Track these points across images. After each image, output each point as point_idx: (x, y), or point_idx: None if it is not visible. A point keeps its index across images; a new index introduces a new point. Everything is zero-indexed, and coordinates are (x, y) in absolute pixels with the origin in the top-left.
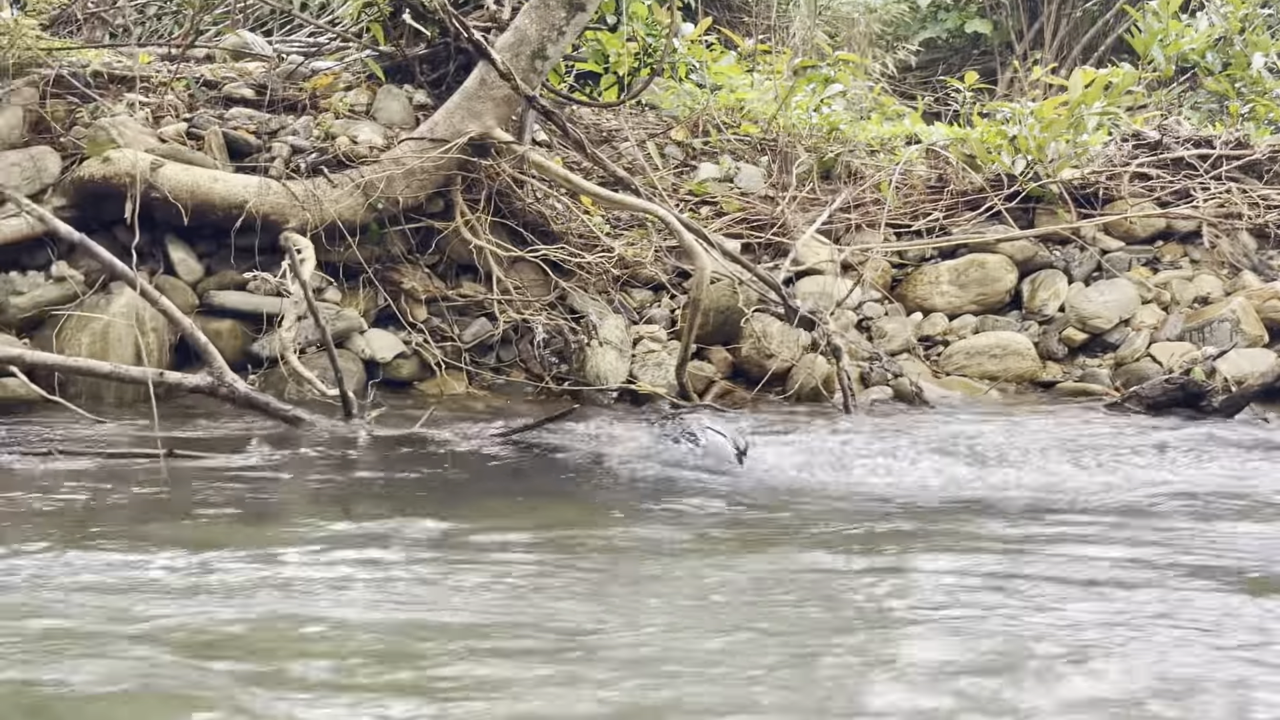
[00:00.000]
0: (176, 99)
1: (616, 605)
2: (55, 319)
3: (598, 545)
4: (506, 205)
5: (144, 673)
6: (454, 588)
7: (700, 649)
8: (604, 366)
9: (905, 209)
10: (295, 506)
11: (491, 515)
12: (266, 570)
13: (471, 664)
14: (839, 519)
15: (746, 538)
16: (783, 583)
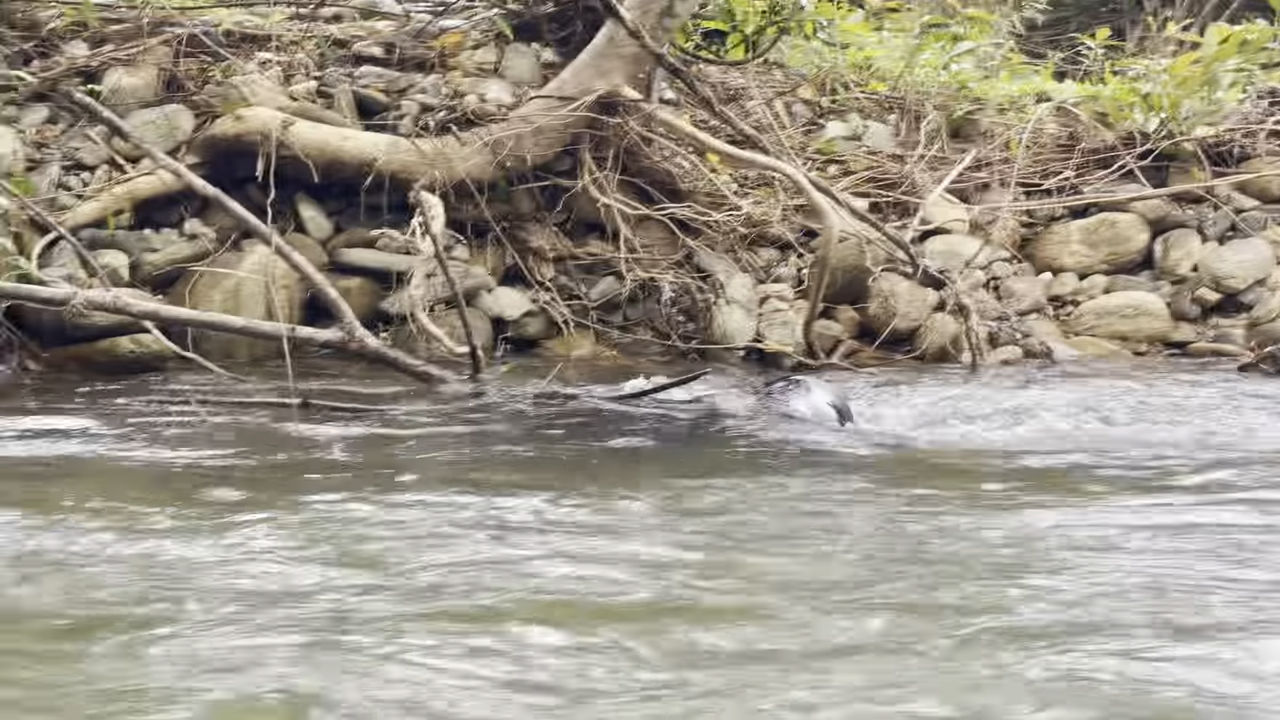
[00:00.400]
0: (307, 57)
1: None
2: (188, 276)
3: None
4: (634, 163)
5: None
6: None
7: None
8: (731, 325)
9: (1035, 168)
10: (435, 464)
11: (621, 477)
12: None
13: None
14: (976, 478)
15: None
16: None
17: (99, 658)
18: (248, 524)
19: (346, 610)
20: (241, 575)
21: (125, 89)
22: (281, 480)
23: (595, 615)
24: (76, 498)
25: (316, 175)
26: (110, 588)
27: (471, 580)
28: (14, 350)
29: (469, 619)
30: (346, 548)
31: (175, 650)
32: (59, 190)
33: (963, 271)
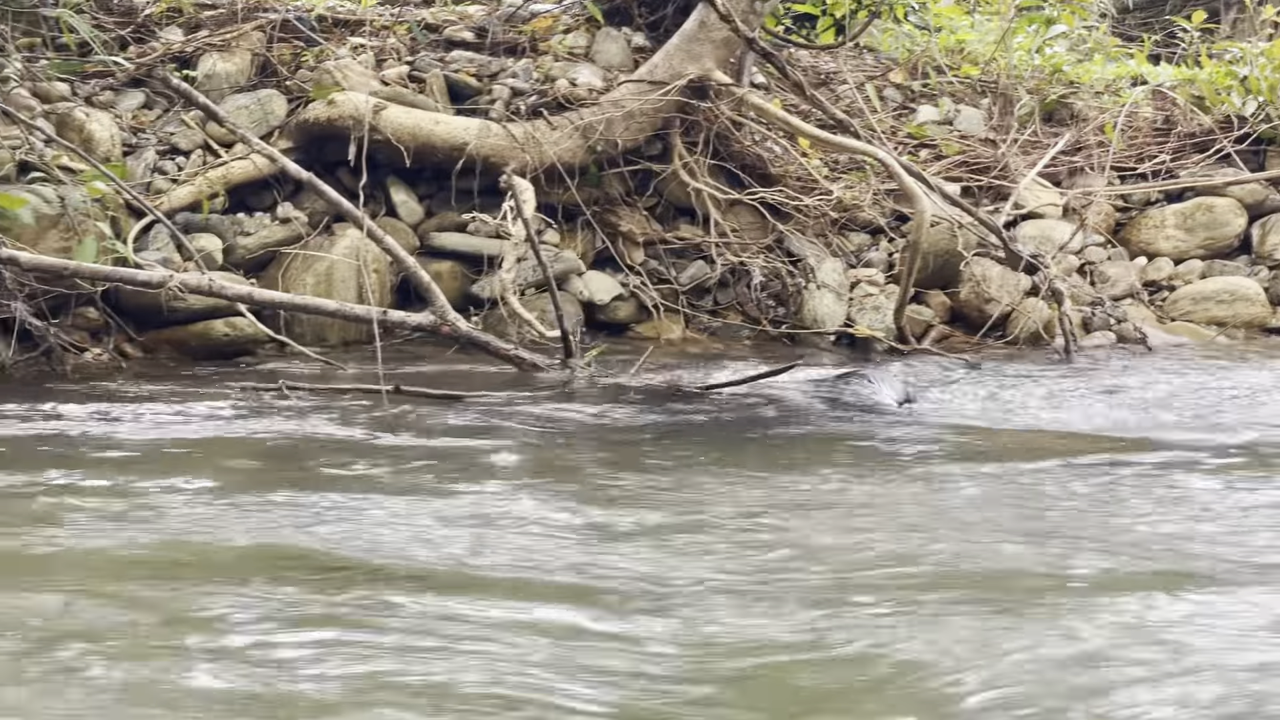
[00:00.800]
0: (399, 42)
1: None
2: (280, 260)
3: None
4: (724, 148)
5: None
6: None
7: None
8: (821, 310)
9: (1130, 152)
10: (534, 450)
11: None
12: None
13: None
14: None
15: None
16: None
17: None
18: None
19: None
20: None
21: (220, 74)
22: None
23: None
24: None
25: (408, 159)
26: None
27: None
28: (110, 333)
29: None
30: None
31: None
32: (154, 175)
33: (1056, 256)
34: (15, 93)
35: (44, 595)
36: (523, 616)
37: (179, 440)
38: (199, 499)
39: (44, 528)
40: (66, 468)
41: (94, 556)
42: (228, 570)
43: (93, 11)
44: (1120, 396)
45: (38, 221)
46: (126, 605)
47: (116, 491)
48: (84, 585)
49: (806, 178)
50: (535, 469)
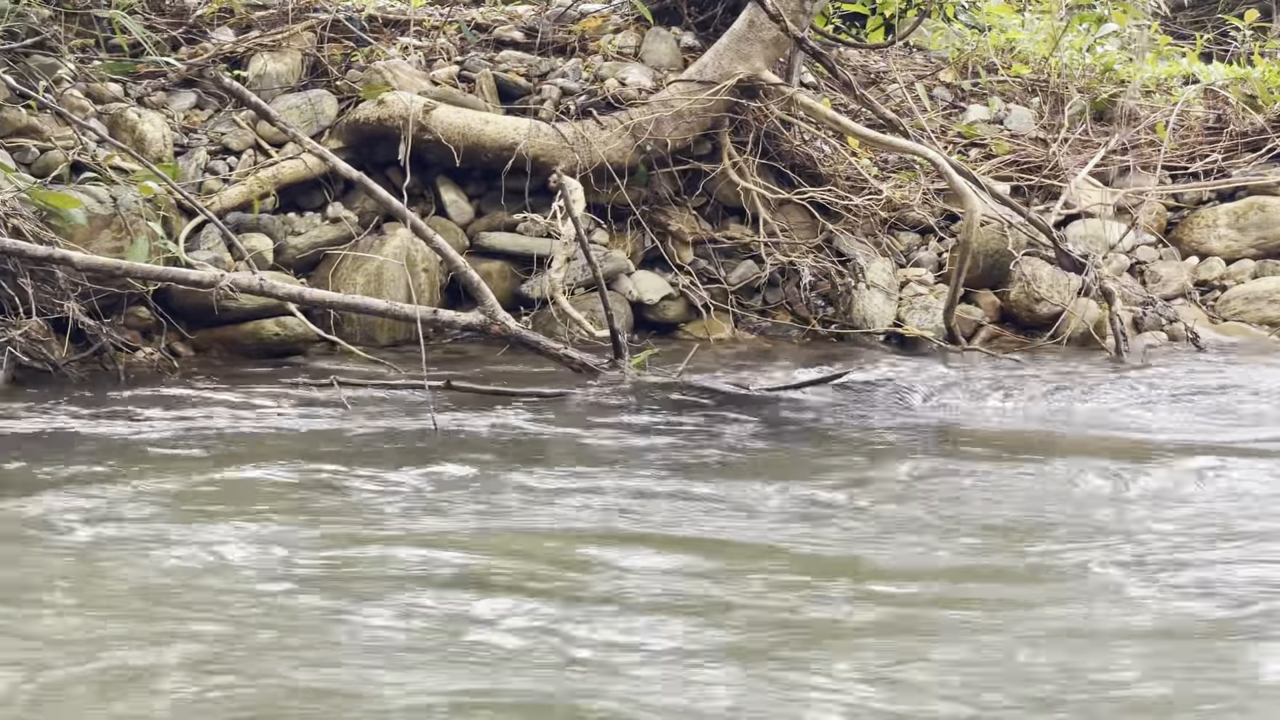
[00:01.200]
0: (448, 42)
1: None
2: (330, 260)
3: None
4: (774, 147)
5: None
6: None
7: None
8: (871, 309)
9: (1182, 151)
10: (600, 451)
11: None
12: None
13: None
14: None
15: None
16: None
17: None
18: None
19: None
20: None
21: (270, 74)
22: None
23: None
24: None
25: (458, 159)
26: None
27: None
28: (162, 333)
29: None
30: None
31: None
32: (206, 175)
33: (1107, 256)
34: (68, 93)
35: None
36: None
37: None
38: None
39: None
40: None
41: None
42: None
43: (145, 12)
44: (1173, 396)
45: (90, 221)
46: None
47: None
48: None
49: (856, 177)
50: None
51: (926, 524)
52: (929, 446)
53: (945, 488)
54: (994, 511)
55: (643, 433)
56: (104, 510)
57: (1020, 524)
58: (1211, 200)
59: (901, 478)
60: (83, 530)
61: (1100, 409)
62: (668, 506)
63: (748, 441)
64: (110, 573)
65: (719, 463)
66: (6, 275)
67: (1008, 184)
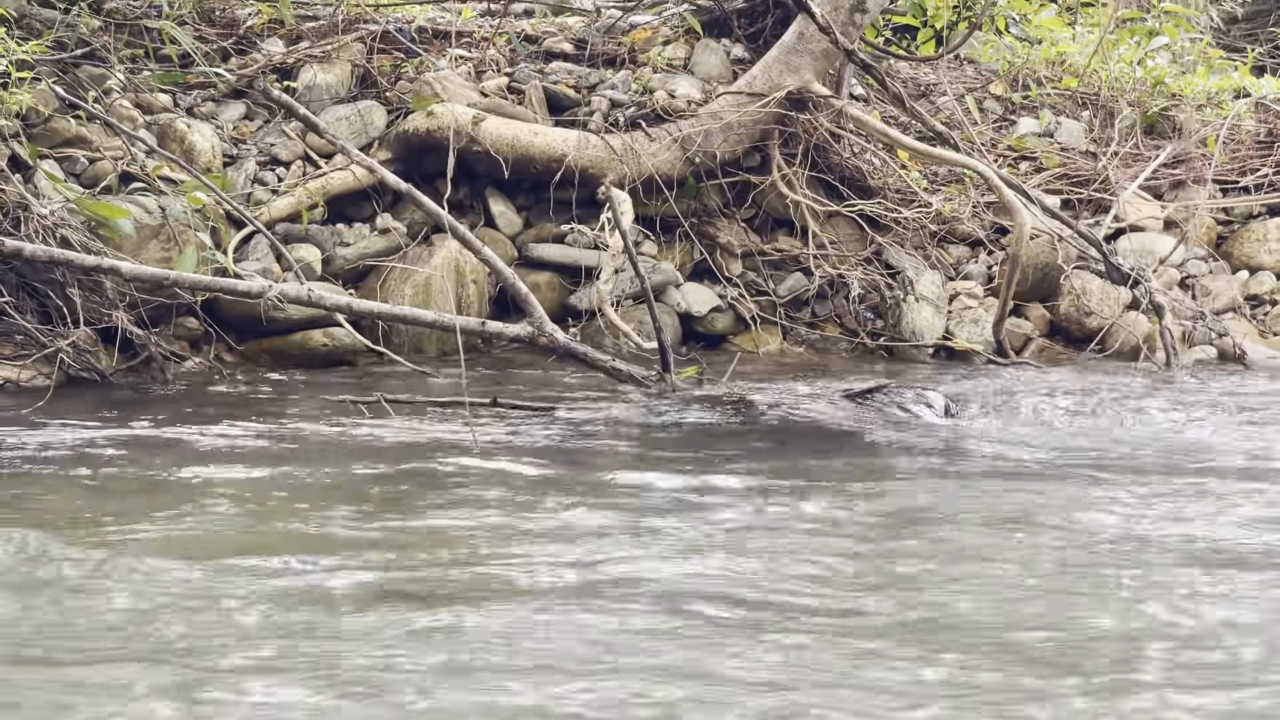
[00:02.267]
0: (498, 54)
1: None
2: (379, 271)
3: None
4: (823, 159)
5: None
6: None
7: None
8: (920, 322)
9: (1233, 165)
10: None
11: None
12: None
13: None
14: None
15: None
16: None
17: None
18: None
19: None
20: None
21: (320, 85)
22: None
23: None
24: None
25: (506, 171)
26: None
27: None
28: (210, 343)
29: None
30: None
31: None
32: (254, 185)
33: (1156, 269)
34: (118, 104)
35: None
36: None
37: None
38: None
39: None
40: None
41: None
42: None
43: (195, 23)
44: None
45: (139, 232)
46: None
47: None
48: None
49: (905, 190)
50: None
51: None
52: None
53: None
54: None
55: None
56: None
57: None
58: (1262, 214)
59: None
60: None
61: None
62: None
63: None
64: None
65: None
66: (55, 285)
67: (1057, 197)
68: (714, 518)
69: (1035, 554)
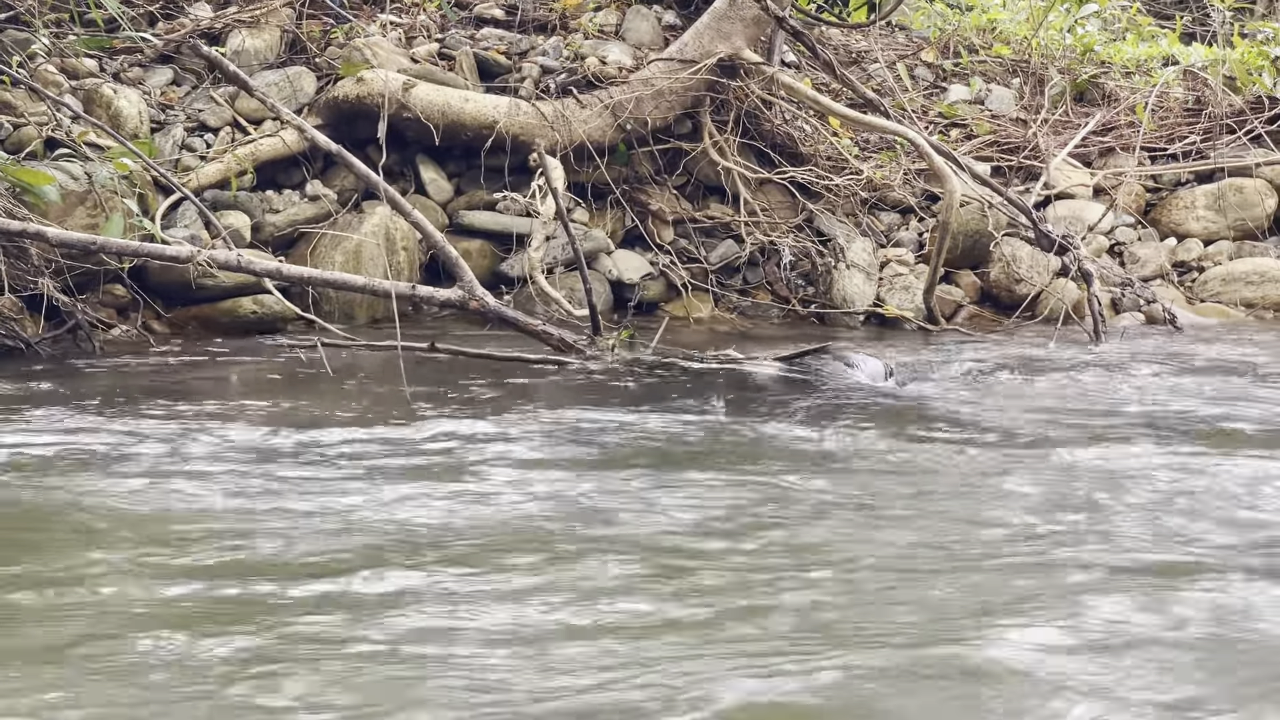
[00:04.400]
0: (428, 19)
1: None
2: (309, 238)
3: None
4: (754, 127)
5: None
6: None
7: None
8: (851, 289)
9: (1161, 132)
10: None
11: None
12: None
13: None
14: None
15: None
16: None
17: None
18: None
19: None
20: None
21: (249, 51)
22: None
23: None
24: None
25: (437, 137)
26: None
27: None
28: (137, 309)
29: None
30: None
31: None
32: (182, 152)
33: (1086, 237)
34: (42, 69)
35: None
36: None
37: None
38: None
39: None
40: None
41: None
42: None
43: None
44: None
45: (64, 199)
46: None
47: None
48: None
49: (837, 157)
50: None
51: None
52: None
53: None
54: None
55: (621, 408)
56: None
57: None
58: (1190, 182)
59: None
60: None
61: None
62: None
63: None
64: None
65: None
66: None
67: (988, 164)
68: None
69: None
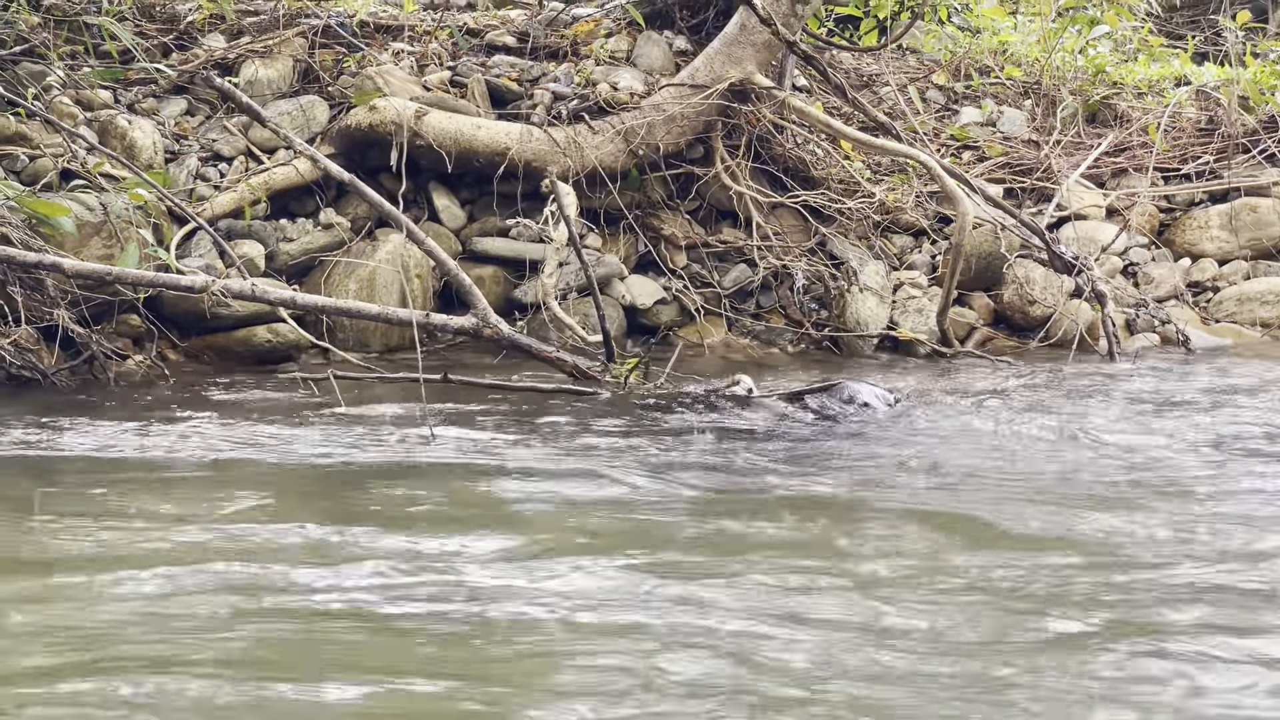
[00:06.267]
0: (440, 47)
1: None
2: (323, 266)
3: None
4: (766, 151)
5: None
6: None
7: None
8: (864, 313)
9: (1174, 152)
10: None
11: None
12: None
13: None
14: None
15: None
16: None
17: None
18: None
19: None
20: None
21: (262, 81)
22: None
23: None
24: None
25: (450, 165)
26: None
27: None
28: (152, 339)
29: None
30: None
31: None
32: (197, 181)
33: (1099, 258)
34: (58, 100)
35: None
36: None
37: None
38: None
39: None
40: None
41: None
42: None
43: (135, 19)
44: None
45: (80, 229)
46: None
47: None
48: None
49: (849, 180)
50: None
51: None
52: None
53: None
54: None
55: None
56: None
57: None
58: (1204, 202)
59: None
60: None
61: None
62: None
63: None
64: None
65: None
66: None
67: (1000, 186)
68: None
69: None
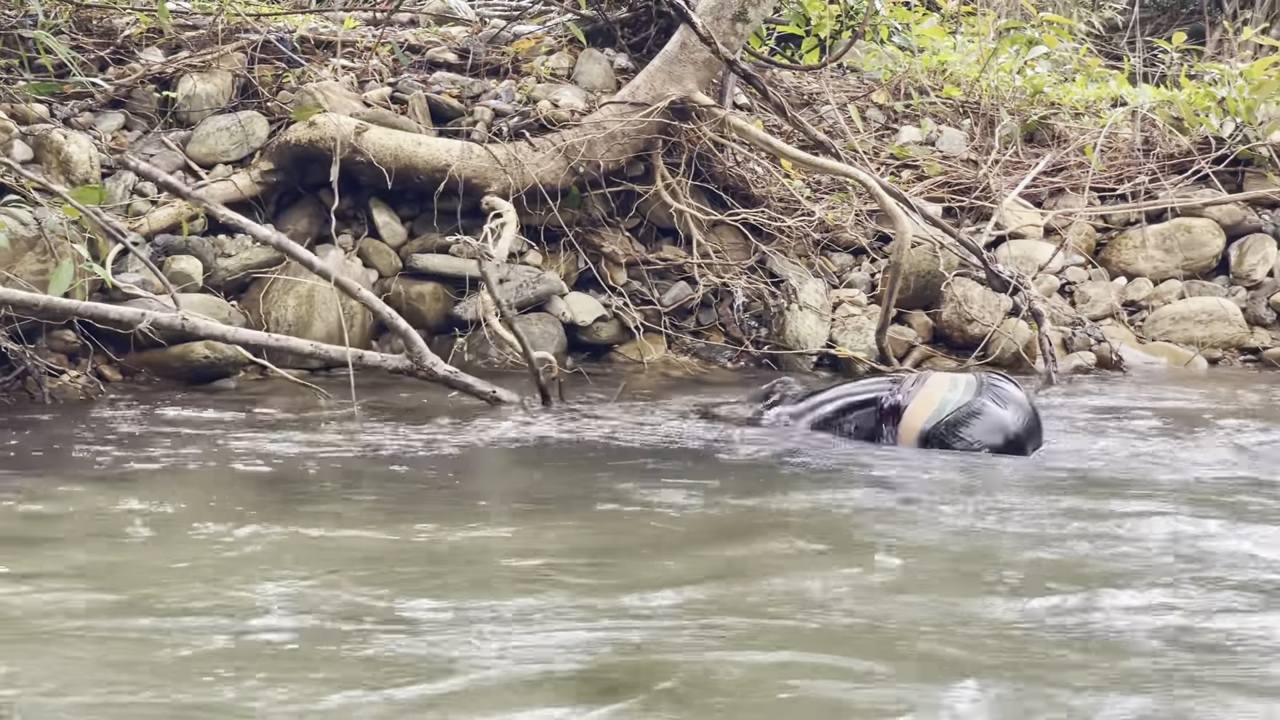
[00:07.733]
0: (381, 64)
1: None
2: (261, 283)
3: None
4: (706, 169)
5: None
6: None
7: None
8: (804, 331)
9: (1110, 173)
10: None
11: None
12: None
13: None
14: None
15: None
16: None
17: None
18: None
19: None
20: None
21: (200, 95)
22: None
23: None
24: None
25: (390, 181)
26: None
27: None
28: (88, 356)
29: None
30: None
31: None
32: (134, 196)
33: (1036, 277)
34: None
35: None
36: None
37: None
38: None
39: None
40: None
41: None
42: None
43: (71, 32)
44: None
45: (14, 244)
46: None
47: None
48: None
49: (789, 198)
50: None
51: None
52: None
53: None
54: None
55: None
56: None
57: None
58: (1139, 222)
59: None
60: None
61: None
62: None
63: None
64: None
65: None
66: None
67: (939, 205)
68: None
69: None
